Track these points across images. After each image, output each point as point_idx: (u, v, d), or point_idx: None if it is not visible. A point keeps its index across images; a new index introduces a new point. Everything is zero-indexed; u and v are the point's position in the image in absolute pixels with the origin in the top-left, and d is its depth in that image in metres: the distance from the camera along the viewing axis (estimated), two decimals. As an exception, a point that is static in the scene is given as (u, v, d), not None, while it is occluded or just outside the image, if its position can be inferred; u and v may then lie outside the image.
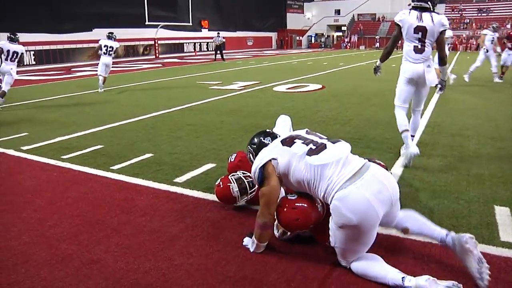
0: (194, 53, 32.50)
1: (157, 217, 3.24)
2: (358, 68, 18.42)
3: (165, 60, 24.80)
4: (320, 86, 11.59)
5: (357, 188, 2.27)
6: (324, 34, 51.70)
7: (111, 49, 11.21)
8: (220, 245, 2.78)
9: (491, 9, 47.65)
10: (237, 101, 9.21)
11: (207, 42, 34.96)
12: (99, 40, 11.57)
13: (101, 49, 11.14)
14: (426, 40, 4.31)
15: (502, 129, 6.11)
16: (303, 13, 53.98)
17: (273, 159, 2.57)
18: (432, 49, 4.35)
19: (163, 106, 8.35)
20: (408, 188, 3.80)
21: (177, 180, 4.09)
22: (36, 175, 4.34)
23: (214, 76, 14.85)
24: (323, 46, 49.51)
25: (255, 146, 2.93)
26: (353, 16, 50.93)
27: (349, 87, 11.47)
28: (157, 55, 28.17)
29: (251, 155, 2.97)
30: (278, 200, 2.62)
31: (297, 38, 50.43)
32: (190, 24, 28.92)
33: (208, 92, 10.59)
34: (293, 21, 51.06)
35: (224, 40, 24.20)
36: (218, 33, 24.09)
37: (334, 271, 2.46)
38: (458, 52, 33.52)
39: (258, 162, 2.63)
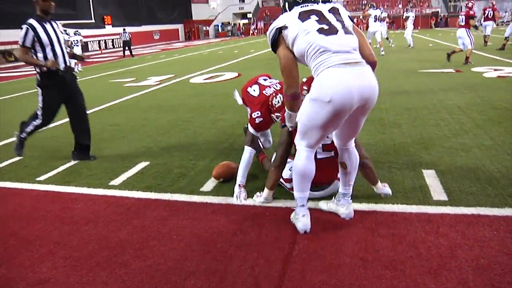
0: (100, 51, 30.95)
1: (101, 224, 3.08)
2: (270, 54, 18.74)
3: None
4: (236, 74, 11.67)
5: (348, 73, 2.34)
6: (231, 22, 51.88)
7: None
8: (174, 243, 2.72)
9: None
10: (155, 96, 8.97)
11: (113, 39, 33.50)
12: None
13: None
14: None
15: (414, 100, 6.62)
16: (207, 3, 53.64)
17: (285, 28, 2.54)
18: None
19: (79, 109, 7.87)
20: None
21: (113, 183, 3.91)
22: (-50, 198, 3.91)
23: (127, 73, 14.30)
24: (230, 34, 49.70)
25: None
26: (258, 3, 51.67)
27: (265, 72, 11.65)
28: (59, 56, 26.39)
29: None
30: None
31: (204, 28, 50.14)
32: (93, 21, 27.44)
33: (124, 90, 10.19)
34: (198, 11, 50.60)
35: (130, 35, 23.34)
36: (124, 29, 23.21)
37: (294, 250, 2.53)
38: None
39: (275, 23, 2.61)
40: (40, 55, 4.32)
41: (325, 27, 2.47)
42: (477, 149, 4.16)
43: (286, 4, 2.74)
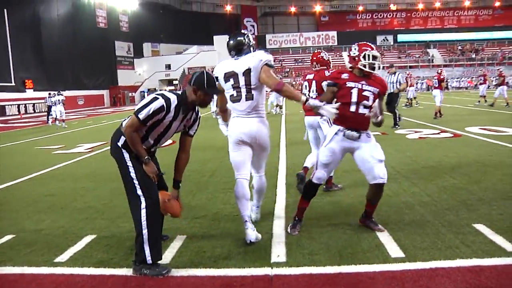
0: (19, 116, 29.39)
1: (53, 307, 2.82)
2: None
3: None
4: (170, 141, 11.49)
5: (239, 121, 3.74)
6: (157, 89, 52.14)
7: None
8: (141, 321, 2.55)
9: (305, 59, 54.72)
10: (90, 164, 8.61)
11: (34, 104, 32.10)
12: None
13: None
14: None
15: (350, 162, 6.93)
16: (134, 69, 53.87)
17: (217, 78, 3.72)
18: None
19: (5, 179, 7.30)
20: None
21: (59, 259, 3.60)
22: None
23: (54, 140, 13.65)
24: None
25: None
26: (184, 70, 52.71)
27: (198, 139, 11.70)
28: (-27, 121, 24.72)
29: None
30: None
31: (130, 94, 49.91)
32: (13, 84, 26.23)
33: (54, 158, 9.67)
34: (124, 77, 50.53)
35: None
36: (49, 93, 22.39)
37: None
38: (283, 98, 37.15)
39: (215, 70, 3.84)
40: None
41: (234, 94, 3.69)
42: (418, 206, 4.45)
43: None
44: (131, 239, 3.93)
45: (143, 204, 3.20)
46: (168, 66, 53.61)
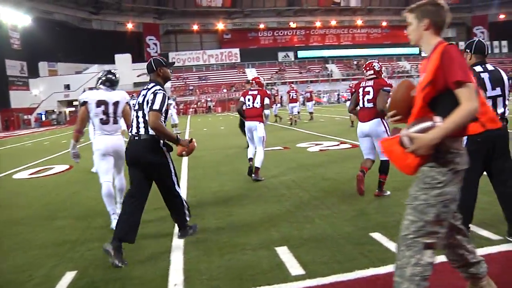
0: None
1: None
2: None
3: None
4: (67, 166, 10.70)
5: (105, 138, 4.71)
6: (56, 110, 48.98)
7: None
8: None
9: (209, 77, 55.06)
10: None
11: None
12: None
13: None
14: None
15: (250, 178, 6.92)
16: (29, 90, 50.12)
17: (86, 102, 4.78)
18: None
19: None
20: (196, 252, 3.85)
21: None
22: None
23: None
24: (56, 123, 46.75)
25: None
26: (84, 90, 49.82)
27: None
28: None
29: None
30: None
31: (25, 117, 46.28)
32: None
33: None
34: (18, 99, 46.75)
35: None
36: None
37: None
38: (189, 116, 36.94)
39: (81, 96, 4.88)
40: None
41: (104, 118, 4.68)
42: (318, 220, 4.49)
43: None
44: (23, 271, 3.56)
45: (183, 196, 4.20)
46: (67, 86, 50.66)
